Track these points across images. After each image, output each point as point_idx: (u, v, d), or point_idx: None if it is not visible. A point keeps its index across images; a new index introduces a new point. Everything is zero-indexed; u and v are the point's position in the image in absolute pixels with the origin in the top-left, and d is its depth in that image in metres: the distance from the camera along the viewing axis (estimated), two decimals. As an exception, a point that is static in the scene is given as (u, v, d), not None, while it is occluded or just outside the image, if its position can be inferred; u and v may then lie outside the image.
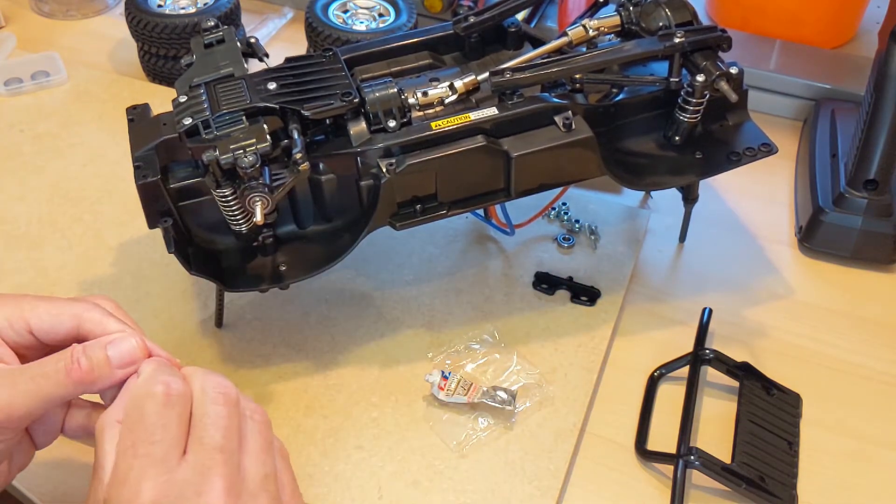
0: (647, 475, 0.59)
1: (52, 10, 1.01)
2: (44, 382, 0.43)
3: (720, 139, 0.64)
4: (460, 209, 0.59)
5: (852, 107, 0.83)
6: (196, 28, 0.83)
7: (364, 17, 0.85)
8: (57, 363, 0.44)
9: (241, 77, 0.57)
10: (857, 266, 0.74)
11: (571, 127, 0.58)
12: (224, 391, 0.43)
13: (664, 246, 0.75)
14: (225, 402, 0.42)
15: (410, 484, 0.56)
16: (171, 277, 0.68)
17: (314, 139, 0.58)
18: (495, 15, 0.65)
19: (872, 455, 0.61)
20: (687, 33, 0.59)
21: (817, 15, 0.95)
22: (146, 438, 0.40)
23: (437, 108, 0.59)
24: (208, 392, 0.42)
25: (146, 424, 0.40)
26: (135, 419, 0.41)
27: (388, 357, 0.64)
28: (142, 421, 0.41)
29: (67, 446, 0.59)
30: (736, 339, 0.67)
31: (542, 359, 0.64)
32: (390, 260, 0.71)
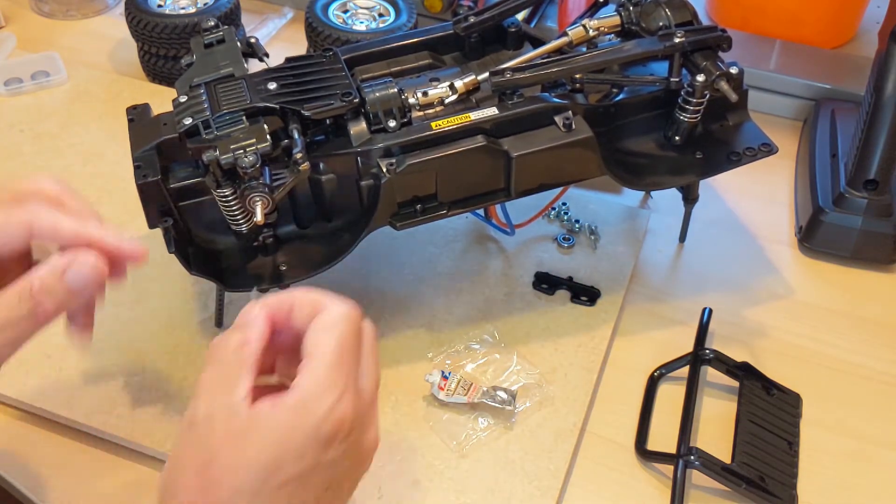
0: (647, 475, 0.59)
1: (52, 10, 1.01)
2: (10, 330, 0.43)
3: (720, 139, 0.64)
4: (460, 209, 0.59)
5: (852, 107, 0.83)
6: (196, 28, 0.83)
7: (364, 17, 0.85)
8: (21, 308, 0.43)
9: (242, 77, 0.57)
10: (857, 266, 0.74)
11: (571, 127, 0.58)
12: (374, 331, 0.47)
13: (664, 246, 0.75)
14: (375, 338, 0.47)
15: (410, 484, 0.56)
16: (171, 277, 0.68)
17: (314, 139, 0.58)
18: (495, 15, 0.65)
19: (872, 455, 0.61)
20: (687, 33, 0.59)
21: (817, 15, 0.95)
22: (350, 359, 0.43)
23: (437, 108, 0.59)
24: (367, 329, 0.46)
25: (353, 343, 0.44)
26: (347, 334, 0.43)
27: (388, 357, 0.64)
28: (351, 339, 0.43)
29: (68, 446, 0.59)
30: (736, 339, 0.67)
31: (542, 359, 0.64)
32: (390, 260, 0.71)
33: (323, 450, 0.41)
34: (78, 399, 0.60)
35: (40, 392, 0.60)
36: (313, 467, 0.41)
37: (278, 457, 0.40)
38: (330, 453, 0.41)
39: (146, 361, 0.62)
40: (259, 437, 0.40)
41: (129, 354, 0.63)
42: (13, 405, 0.61)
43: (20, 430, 0.60)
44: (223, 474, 0.40)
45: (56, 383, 0.61)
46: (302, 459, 0.40)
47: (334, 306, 0.44)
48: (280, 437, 0.40)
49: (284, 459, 0.40)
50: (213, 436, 0.40)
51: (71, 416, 0.59)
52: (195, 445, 0.41)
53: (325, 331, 0.43)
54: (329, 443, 0.41)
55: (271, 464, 0.40)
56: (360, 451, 0.44)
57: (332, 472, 0.42)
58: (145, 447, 0.58)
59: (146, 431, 0.58)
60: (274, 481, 0.40)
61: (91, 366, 0.62)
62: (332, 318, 0.44)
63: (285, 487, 0.40)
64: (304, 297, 0.45)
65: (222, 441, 0.40)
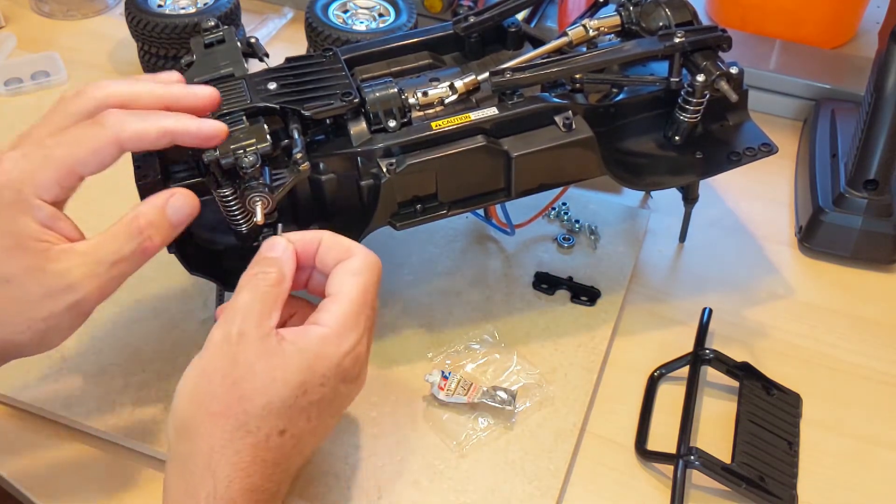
0: (647, 475, 0.59)
1: (52, 10, 1.01)
2: (122, 265, 0.47)
3: (720, 139, 0.64)
4: (460, 209, 0.59)
5: (852, 107, 0.83)
6: (196, 28, 0.83)
7: (364, 17, 0.85)
8: (131, 243, 0.47)
9: (242, 77, 0.57)
10: (857, 266, 0.74)
11: (571, 127, 0.58)
12: None
13: (664, 246, 0.75)
14: None
15: (410, 484, 0.56)
16: (171, 277, 0.68)
17: (314, 139, 0.58)
18: (495, 15, 0.65)
19: (872, 455, 0.61)
20: (687, 33, 0.59)
21: (817, 15, 0.95)
22: (372, 302, 0.48)
23: (437, 108, 0.59)
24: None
25: (375, 290, 0.49)
26: (372, 282, 0.48)
27: (388, 357, 0.64)
28: (375, 286, 0.49)
29: (68, 446, 0.59)
30: (736, 339, 0.67)
31: (542, 359, 0.64)
32: (390, 260, 0.71)
33: (341, 381, 0.46)
34: (78, 399, 0.60)
35: (40, 392, 0.60)
36: (331, 394, 0.46)
37: (305, 381, 0.45)
38: (344, 385, 0.47)
39: (146, 361, 0.62)
40: (289, 361, 0.45)
41: (128, 354, 0.63)
42: (13, 405, 0.60)
43: (20, 430, 0.60)
44: (255, 389, 0.44)
45: (56, 383, 0.61)
46: (323, 386, 0.46)
47: (362, 253, 0.49)
48: (308, 364, 0.45)
49: (310, 383, 0.45)
50: (247, 353, 0.44)
51: (71, 416, 0.59)
52: (228, 359, 0.45)
53: (354, 275, 0.48)
54: (346, 375, 0.47)
55: (299, 386, 0.45)
56: (360, 385, 0.50)
57: (340, 402, 0.48)
58: (145, 447, 0.58)
59: (146, 431, 0.58)
60: (300, 402, 0.45)
61: (91, 366, 0.62)
62: (360, 265, 0.48)
63: (307, 409, 0.45)
64: (332, 239, 0.50)
65: (255, 359, 0.44)
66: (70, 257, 0.46)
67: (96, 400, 0.60)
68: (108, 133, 0.46)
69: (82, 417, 0.59)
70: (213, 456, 0.43)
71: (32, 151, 0.46)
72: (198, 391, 0.45)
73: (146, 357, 0.63)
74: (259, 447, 0.44)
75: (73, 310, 0.47)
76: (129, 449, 0.58)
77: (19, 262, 0.45)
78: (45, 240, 0.46)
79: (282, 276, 0.47)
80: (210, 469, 0.43)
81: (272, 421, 0.44)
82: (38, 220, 0.46)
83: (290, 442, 0.45)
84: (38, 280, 0.45)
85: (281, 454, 0.45)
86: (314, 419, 0.46)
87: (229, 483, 0.43)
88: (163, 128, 0.47)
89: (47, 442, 0.59)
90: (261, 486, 0.44)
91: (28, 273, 0.45)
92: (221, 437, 0.43)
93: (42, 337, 0.47)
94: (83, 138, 0.46)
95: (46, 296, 0.46)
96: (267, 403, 0.44)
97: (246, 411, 0.44)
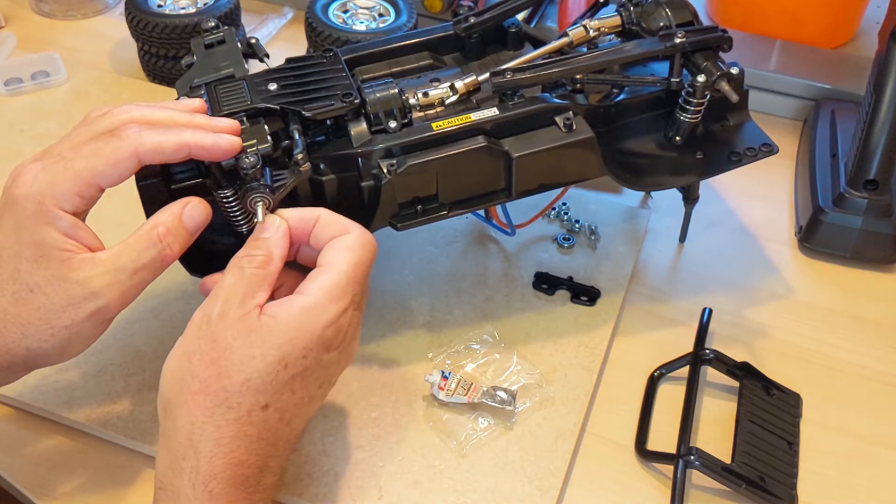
0: (647, 475, 0.59)
1: (52, 10, 1.01)
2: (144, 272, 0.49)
3: (721, 139, 0.64)
4: (461, 210, 0.59)
5: (852, 107, 0.83)
6: (196, 28, 0.83)
7: (364, 17, 0.85)
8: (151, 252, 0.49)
9: (242, 78, 0.57)
10: (857, 266, 0.74)
11: (572, 127, 0.58)
12: None
13: (664, 246, 0.75)
14: None
15: (410, 484, 0.56)
16: (171, 277, 0.67)
17: (315, 140, 0.58)
18: (495, 15, 0.65)
19: (872, 455, 0.61)
20: (687, 33, 0.59)
21: (817, 15, 0.95)
22: (362, 279, 0.49)
23: (437, 108, 0.59)
24: None
25: (366, 269, 0.49)
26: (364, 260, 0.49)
27: (388, 357, 0.64)
28: (366, 265, 0.49)
29: (68, 446, 0.59)
30: (736, 339, 0.67)
31: (542, 359, 0.64)
32: (390, 260, 0.71)
33: (324, 351, 0.47)
34: (78, 399, 0.60)
35: (40, 392, 0.60)
36: (313, 366, 0.46)
37: (285, 355, 0.45)
38: (327, 356, 0.47)
39: (146, 361, 0.62)
40: (268, 337, 0.45)
41: (129, 354, 0.63)
42: (13, 405, 0.61)
43: (20, 430, 0.60)
44: (233, 366, 0.45)
45: (56, 383, 0.61)
46: (306, 358, 0.46)
47: (358, 231, 0.49)
48: (288, 338, 0.45)
49: (291, 357, 0.45)
50: (225, 332, 0.45)
51: (71, 416, 0.59)
52: (207, 339, 0.45)
53: (347, 250, 0.48)
54: (328, 347, 0.47)
55: (278, 361, 0.45)
56: (348, 355, 0.50)
57: (326, 372, 0.48)
58: (145, 447, 0.58)
59: (146, 431, 0.58)
60: (281, 377, 0.45)
61: (91, 366, 0.62)
62: (355, 241, 0.49)
63: (289, 383, 0.46)
64: (330, 216, 0.50)
65: (233, 337, 0.45)
66: (92, 266, 0.47)
67: (96, 400, 0.60)
68: (127, 146, 0.47)
69: (82, 417, 0.59)
70: (195, 432, 0.44)
71: (53, 164, 0.47)
72: (179, 371, 0.46)
73: (146, 357, 0.63)
74: (241, 422, 0.45)
75: (95, 317, 0.48)
76: (130, 449, 0.58)
77: (43, 272, 0.47)
78: (68, 249, 0.47)
79: (269, 257, 0.48)
80: (192, 445, 0.44)
81: (253, 396, 0.45)
82: (60, 230, 0.47)
83: (275, 416, 0.46)
84: (62, 288, 0.47)
85: (265, 428, 0.45)
86: (299, 391, 0.46)
87: (211, 458, 0.44)
88: (180, 141, 0.48)
89: (47, 442, 0.59)
90: (245, 460, 0.45)
91: (51, 282, 0.47)
92: (202, 415, 0.44)
93: (65, 345, 0.49)
94: (103, 151, 0.47)
95: (69, 304, 0.47)
96: (246, 380, 0.45)
97: (225, 388, 0.44)
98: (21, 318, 0.47)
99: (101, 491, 0.57)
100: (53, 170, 0.47)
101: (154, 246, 0.49)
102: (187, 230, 0.50)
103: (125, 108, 0.50)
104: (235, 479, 0.45)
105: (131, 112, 0.50)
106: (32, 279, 0.47)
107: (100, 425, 0.58)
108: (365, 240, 0.49)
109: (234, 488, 0.45)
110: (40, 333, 0.47)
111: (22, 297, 0.47)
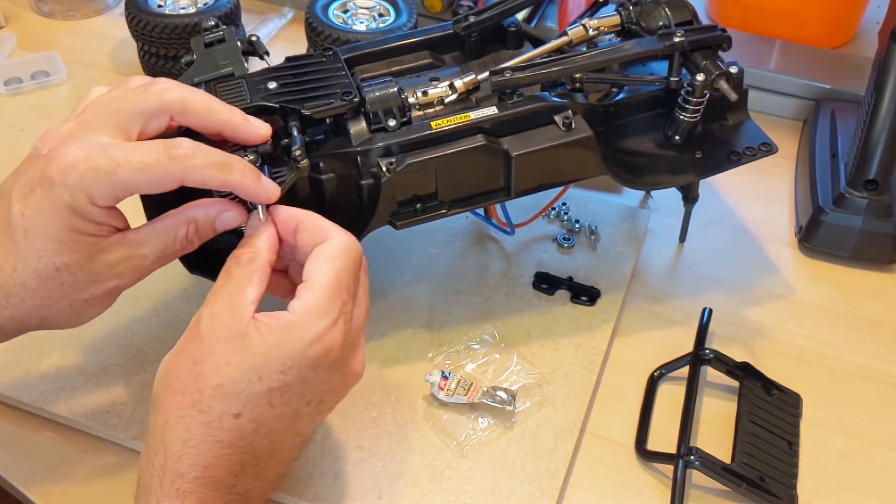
0: (647, 475, 0.59)
1: (52, 10, 1.01)
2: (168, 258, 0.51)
3: (720, 139, 0.64)
4: (460, 208, 0.59)
5: (852, 107, 0.83)
6: (196, 28, 0.83)
7: (364, 17, 0.85)
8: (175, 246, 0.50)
9: (242, 76, 0.57)
10: (857, 266, 0.74)
11: (571, 126, 0.58)
12: (366, 263, 0.50)
13: (664, 246, 0.75)
14: (366, 272, 0.50)
15: (410, 484, 0.56)
16: (171, 277, 0.67)
17: (315, 138, 0.58)
18: (495, 15, 0.65)
19: (872, 455, 0.61)
20: (687, 33, 0.59)
21: (817, 15, 0.95)
22: (347, 287, 0.47)
23: (437, 107, 0.59)
24: (363, 265, 0.50)
25: (351, 277, 0.47)
26: (346, 268, 0.47)
27: (388, 357, 0.64)
28: (350, 273, 0.47)
29: (68, 446, 0.59)
30: (736, 339, 0.67)
31: (542, 359, 0.64)
32: (390, 260, 0.71)
33: (308, 370, 0.45)
34: (78, 399, 0.60)
35: (40, 392, 0.60)
36: (295, 383, 0.45)
37: (260, 366, 0.44)
38: (314, 374, 0.46)
39: (147, 361, 0.62)
40: (248, 344, 0.45)
41: (129, 354, 0.63)
42: (13, 405, 0.60)
43: (20, 430, 0.60)
44: (210, 369, 0.45)
45: (56, 383, 0.61)
46: (284, 374, 0.45)
47: (338, 237, 0.48)
48: (266, 350, 0.44)
49: (266, 370, 0.44)
50: (212, 334, 0.45)
51: (71, 416, 0.59)
52: (195, 340, 0.46)
53: (327, 260, 0.47)
54: (315, 365, 0.45)
55: (252, 371, 0.44)
56: (345, 374, 0.48)
57: (314, 390, 0.47)
58: (145, 447, 0.58)
59: (146, 431, 0.58)
60: (255, 388, 0.45)
61: (91, 366, 0.62)
62: (335, 250, 0.47)
63: (267, 395, 0.45)
64: (311, 220, 0.49)
65: (217, 339, 0.45)
66: (119, 249, 0.49)
67: (96, 400, 0.60)
68: (175, 171, 0.47)
69: (83, 417, 0.59)
70: (167, 430, 0.45)
71: (96, 158, 0.46)
72: (167, 368, 0.47)
73: (147, 357, 0.63)
74: (212, 427, 0.44)
75: (113, 292, 0.51)
76: (130, 449, 0.58)
77: (72, 254, 0.48)
78: (98, 234, 0.48)
79: (254, 254, 0.48)
80: (163, 442, 0.45)
81: (225, 402, 0.45)
82: (94, 219, 0.48)
83: (250, 426, 0.45)
84: (88, 269, 0.48)
85: (238, 437, 0.45)
86: (278, 406, 0.45)
87: (179, 457, 0.44)
88: (227, 181, 0.48)
89: (47, 442, 0.59)
90: (214, 464, 0.45)
91: (79, 262, 0.48)
92: (176, 414, 0.45)
93: (80, 314, 0.51)
94: (151, 170, 0.47)
95: (92, 282, 0.49)
96: (219, 384, 0.44)
97: (200, 390, 0.45)
98: (41, 293, 0.48)
99: (101, 491, 0.57)
100: (96, 168, 0.46)
101: (180, 241, 0.50)
102: (215, 231, 0.51)
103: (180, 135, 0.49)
104: (204, 481, 0.44)
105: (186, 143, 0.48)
106: (60, 259, 0.47)
107: (100, 425, 0.58)
108: (344, 245, 0.48)
109: (203, 488, 0.44)
110: (58, 305, 0.49)
111: (46, 273, 0.48)
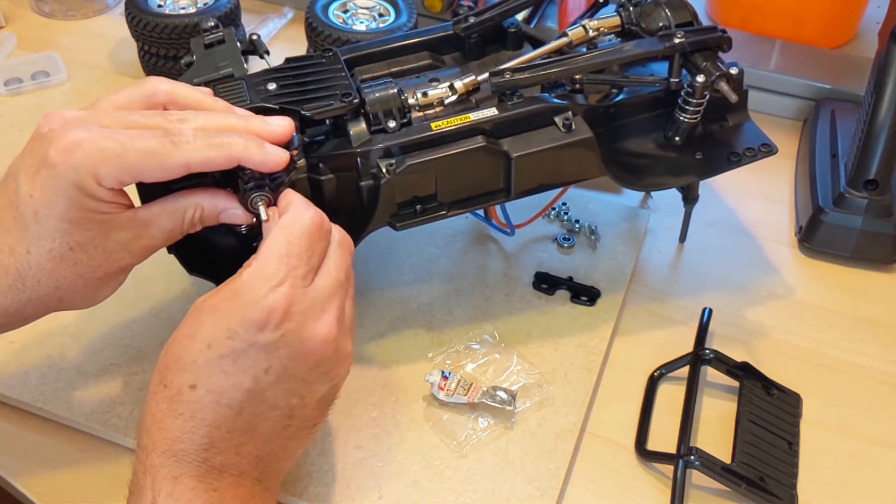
0: (647, 475, 0.59)
1: (52, 10, 1.01)
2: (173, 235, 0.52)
3: (720, 139, 0.64)
4: (460, 209, 0.59)
5: (852, 107, 0.83)
6: (196, 28, 0.83)
7: (364, 17, 0.85)
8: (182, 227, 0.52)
9: (241, 77, 0.57)
10: (857, 266, 0.74)
11: (571, 127, 0.58)
12: (348, 242, 0.51)
13: (664, 246, 0.75)
14: (348, 249, 0.51)
15: (410, 484, 0.56)
16: (171, 277, 0.68)
17: (315, 140, 0.58)
18: (495, 15, 0.65)
19: (872, 455, 0.61)
20: (687, 34, 0.59)
21: (817, 15, 0.95)
22: (298, 254, 0.47)
23: (436, 108, 0.59)
24: (337, 237, 0.50)
25: (303, 244, 0.47)
26: (297, 235, 0.47)
27: (388, 357, 0.64)
28: (301, 239, 0.47)
29: (68, 446, 0.59)
30: (736, 339, 0.67)
31: (542, 359, 0.64)
32: (390, 260, 0.71)
33: (255, 332, 0.45)
34: (78, 399, 0.60)
35: (40, 392, 0.60)
36: (246, 348, 0.45)
37: (208, 335, 0.46)
38: (262, 337, 0.45)
39: (146, 361, 0.62)
40: (200, 317, 0.46)
41: (129, 354, 0.63)
42: (13, 405, 0.61)
43: (20, 430, 0.60)
44: (173, 346, 0.47)
45: (56, 383, 0.61)
46: (231, 340, 0.45)
47: (296, 210, 0.49)
48: (214, 318, 0.46)
49: (214, 337, 0.45)
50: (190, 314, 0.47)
51: (71, 416, 0.59)
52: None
53: (280, 230, 0.48)
54: (260, 328, 0.45)
55: (202, 340, 0.46)
56: (304, 339, 0.47)
57: (270, 356, 0.46)
58: (145, 447, 0.58)
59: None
60: (206, 356, 0.45)
61: (91, 366, 0.62)
62: (289, 219, 0.48)
63: (219, 363, 0.45)
64: (284, 196, 0.51)
65: (188, 317, 0.47)
66: (130, 227, 0.50)
67: (96, 400, 0.60)
68: (181, 155, 0.48)
69: (82, 417, 0.59)
70: (145, 409, 0.47)
71: (103, 140, 0.47)
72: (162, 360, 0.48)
73: (146, 357, 0.63)
74: (173, 401, 0.46)
75: (125, 270, 0.52)
76: (130, 449, 0.58)
77: (85, 232, 0.49)
78: (110, 213, 0.49)
79: None
80: (142, 420, 0.47)
81: (182, 374, 0.46)
82: (102, 198, 0.48)
83: (208, 397, 0.46)
84: (101, 247, 0.50)
85: (198, 408, 0.45)
86: (233, 374, 0.46)
87: (149, 433, 0.46)
88: (230, 156, 0.49)
89: (47, 442, 0.59)
90: (179, 437, 0.46)
91: (94, 241, 0.49)
92: (151, 391, 0.47)
93: (95, 293, 0.52)
94: (157, 154, 0.47)
95: (106, 260, 0.50)
96: (178, 359, 0.46)
97: (166, 367, 0.47)
98: (56, 273, 0.49)
99: (102, 491, 0.57)
100: (104, 150, 0.47)
101: (187, 222, 0.52)
102: (217, 221, 0.53)
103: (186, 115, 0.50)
104: (171, 454, 0.45)
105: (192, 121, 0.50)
106: (73, 238, 0.48)
107: (100, 425, 0.58)
108: (298, 215, 0.48)
109: (171, 461, 0.45)
110: (74, 285, 0.50)
111: (60, 254, 0.49)
